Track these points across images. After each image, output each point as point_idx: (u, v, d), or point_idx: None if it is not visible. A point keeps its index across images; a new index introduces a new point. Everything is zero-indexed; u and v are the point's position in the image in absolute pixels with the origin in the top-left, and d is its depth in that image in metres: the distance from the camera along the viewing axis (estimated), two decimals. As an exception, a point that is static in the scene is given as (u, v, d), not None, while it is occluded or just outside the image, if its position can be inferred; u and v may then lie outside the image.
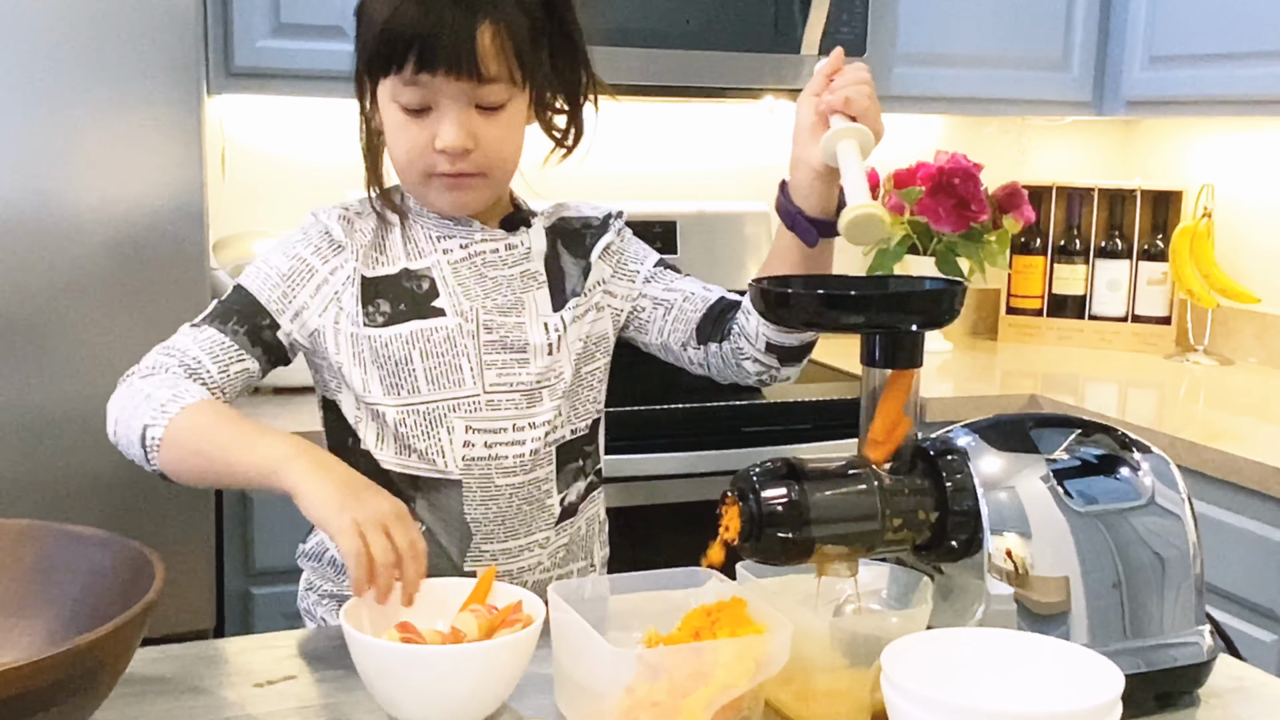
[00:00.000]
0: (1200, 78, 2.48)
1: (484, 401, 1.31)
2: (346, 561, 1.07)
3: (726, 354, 1.39)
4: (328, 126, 2.52)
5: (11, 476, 1.85)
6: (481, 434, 1.31)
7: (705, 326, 1.39)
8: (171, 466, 1.21)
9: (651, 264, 1.43)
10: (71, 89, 1.82)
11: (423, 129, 1.25)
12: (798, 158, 1.27)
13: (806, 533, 1.04)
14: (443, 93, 1.23)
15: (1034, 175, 3.02)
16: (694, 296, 1.41)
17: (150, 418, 1.20)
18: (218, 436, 1.18)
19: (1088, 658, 0.98)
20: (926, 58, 2.58)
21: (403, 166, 1.30)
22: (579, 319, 1.36)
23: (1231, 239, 2.79)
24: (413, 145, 1.26)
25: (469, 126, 1.24)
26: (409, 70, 1.22)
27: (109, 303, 1.87)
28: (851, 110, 1.22)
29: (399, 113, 1.26)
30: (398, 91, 1.24)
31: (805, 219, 1.28)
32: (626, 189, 2.74)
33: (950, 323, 1.10)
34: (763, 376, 1.39)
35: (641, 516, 2.10)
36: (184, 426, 1.19)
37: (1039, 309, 2.97)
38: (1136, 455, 1.15)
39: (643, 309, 1.41)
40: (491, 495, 1.32)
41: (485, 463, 1.31)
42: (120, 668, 0.96)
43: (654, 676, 0.98)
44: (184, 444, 1.19)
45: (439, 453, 1.30)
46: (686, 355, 1.42)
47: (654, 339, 1.42)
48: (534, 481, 1.34)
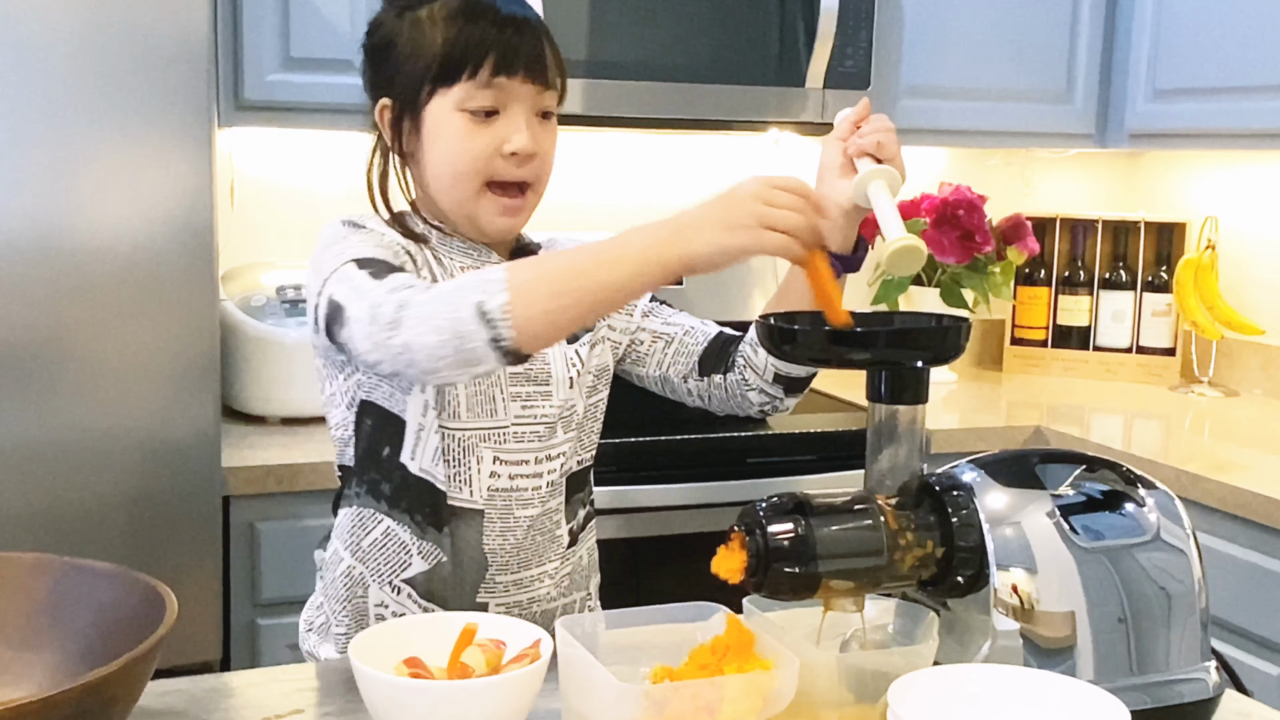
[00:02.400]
0: (1203, 111, 2.49)
1: (510, 434, 1.32)
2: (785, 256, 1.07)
3: (731, 385, 1.41)
4: (335, 158, 2.54)
5: (19, 505, 1.86)
6: (507, 465, 1.32)
7: (709, 359, 1.42)
8: (530, 323, 1.08)
9: (647, 300, 1.45)
10: (84, 121, 1.83)
11: (491, 134, 1.29)
12: (823, 196, 1.29)
13: (813, 568, 1.05)
14: (514, 96, 1.28)
15: (1038, 207, 3.04)
16: (694, 330, 1.44)
17: (479, 294, 1.08)
18: (571, 268, 1.09)
19: (1094, 694, 0.98)
20: (931, 90, 2.59)
21: (463, 177, 1.30)
22: (592, 349, 1.39)
23: (1235, 271, 2.80)
24: (480, 151, 1.28)
25: (534, 130, 1.30)
26: (486, 73, 1.26)
27: (119, 332, 1.88)
28: (883, 154, 1.25)
29: (465, 121, 1.28)
30: (468, 97, 1.27)
31: (830, 256, 1.30)
32: (633, 221, 2.75)
33: (955, 359, 1.11)
34: (765, 407, 1.42)
35: (645, 548, 2.10)
36: (522, 281, 1.09)
37: (1044, 340, 2.98)
38: (1141, 491, 1.16)
39: (641, 342, 1.44)
40: (510, 526, 1.33)
41: (507, 494, 1.33)
42: (132, 702, 0.96)
43: (660, 712, 0.98)
44: (538, 293, 1.08)
45: (466, 481, 1.31)
46: (686, 387, 1.44)
47: (652, 371, 1.44)
48: (547, 513, 1.35)
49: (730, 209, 1.08)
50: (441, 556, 1.32)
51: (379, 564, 1.34)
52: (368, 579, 1.34)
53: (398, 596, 1.34)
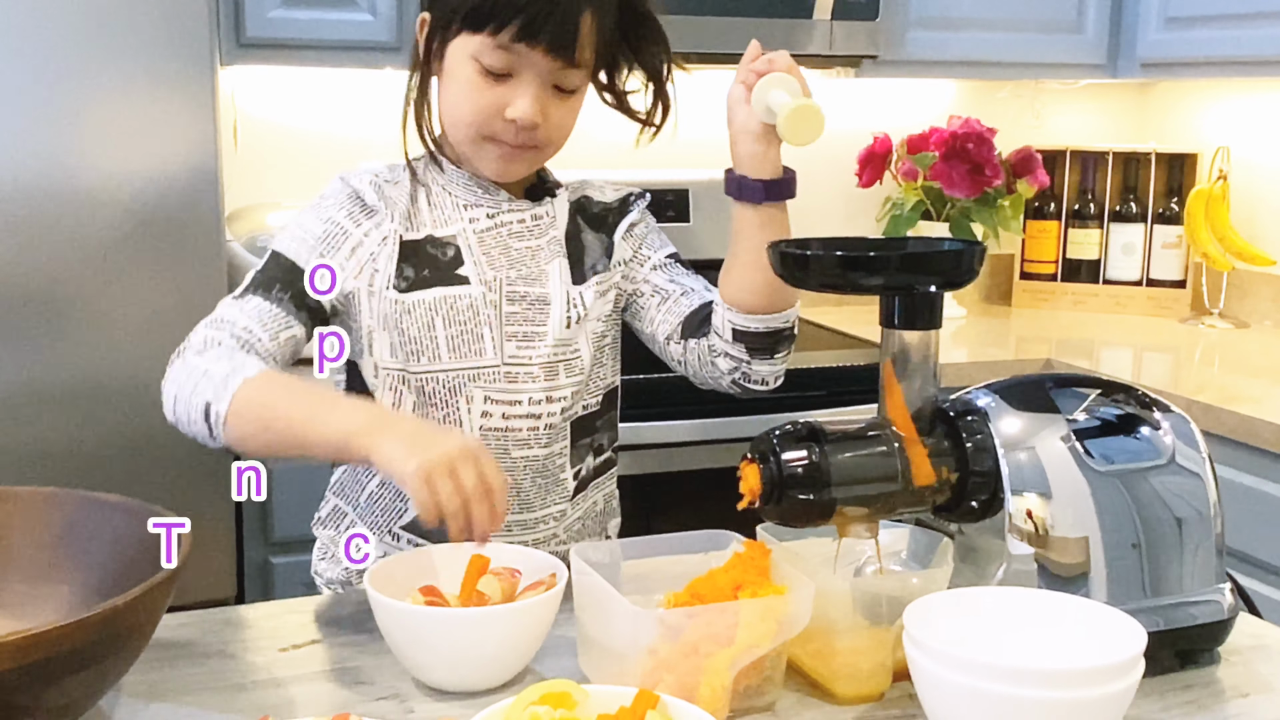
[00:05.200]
0: (1216, 39, 2.46)
1: (502, 374, 1.31)
2: (419, 512, 1.07)
3: (703, 350, 1.37)
4: (339, 97, 2.52)
5: (31, 447, 1.86)
6: (499, 405, 1.31)
7: (691, 322, 1.37)
8: (239, 441, 1.19)
9: (664, 255, 1.42)
10: (84, 62, 1.81)
11: (496, 94, 1.25)
12: (736, 131, 1.29)
13: (827, 494, 1.04)
14: (530, 65, 1.24)
15: (1048, 139, 3.00)
16: (692, 293, 1.39)
17: (212, 394, 1.18)
18: (286, 412, 1.17)
19: (1109, 615, 0.98)
20: (939, 21, 2.56)
21: (462, 124, 1.28)
22: (601, 295, 1.36)
23: (1247, 202, 2.78)
24: (481, 108, 1.26)
25: (541, 102, 1.26)
26: (507, 35, 1.22)
27: (125, 275, 1.87)
28: (776, 68, 1.24)
29: (476, 73, 1.25)
30: (483, 51, 1.24)
31: (750, 182, 1.29)
32: (638, 158, 2.73)
33: (970, 283, 1.10)
34: (735, 375, 1.36)
35: (655, 484, 2.11)
36: (249, 401, 1.17)
37: (1053, 274, 2.96)
38: (1157, 414, 1.15)
39: (641, 294, 1.40)
40: (507, 467, 1.32)
41: (501, 434, 1.32)
42: (148, 632, 0.97)
43: (675, 637, 0.98)
44: (251, 419, 1.17)
45: (456, 422, 1.31)
46: (669, 350, 1.40)
47: (645, 328, 1.41)
48: (549, 456, 1.34)
49: (424, 444, 1.08)
50: None
51: (376, 514, 1.35)
52: (366, 534, 1.35)
53: (397, 544, 1.34)
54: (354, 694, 1.06)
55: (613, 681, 0.97)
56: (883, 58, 2.48)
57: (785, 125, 1.20)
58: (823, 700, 1.06)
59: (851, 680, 1.05)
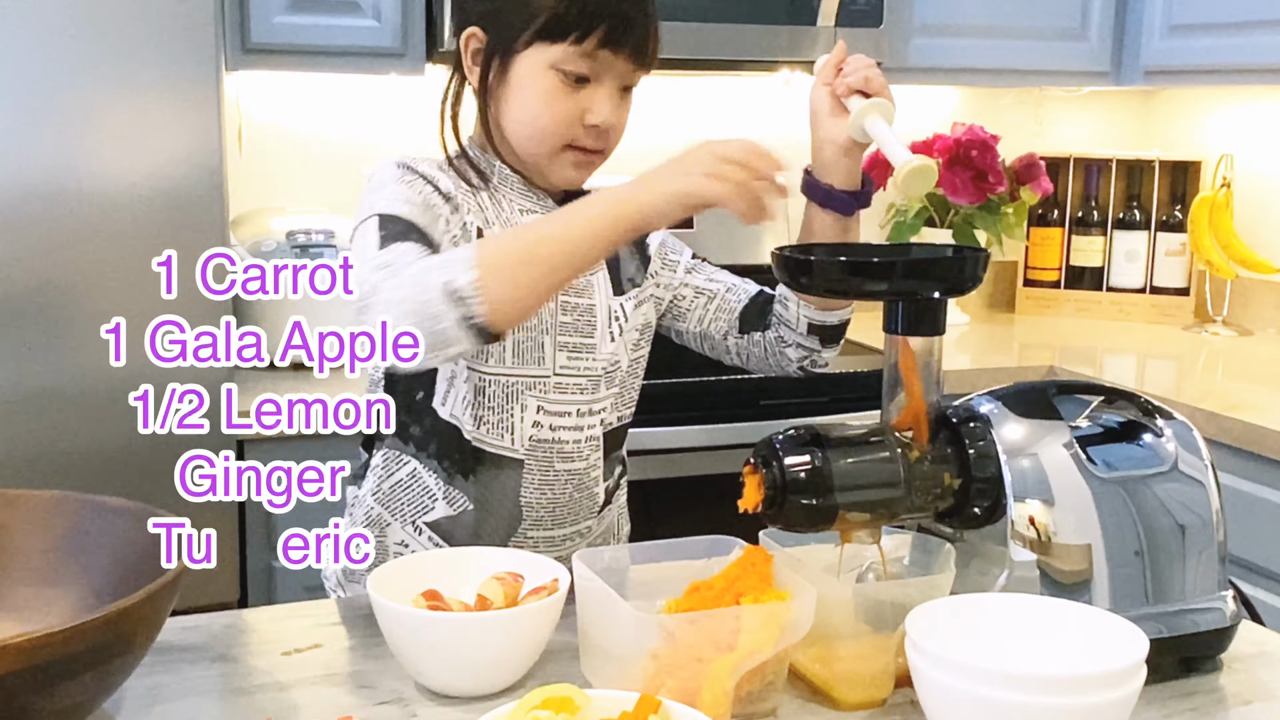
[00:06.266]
0: (1220, 46, 2.46)
1: (553, 384, 1.31)
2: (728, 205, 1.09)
3: (770, 342, 1.40)
4: (344, 102, 2.52)
5: (34, 450, 1.86)
6: (550, 415, 1.31)
7: (749, 317, 1.41)
8: (498, 302, 1.08)
9: (689, 256, 1.45)
10: (90, 67, 1.82)
11: (576, 102, 1.26)
12: (822, 139, 1.30)
13: (830, 500, 1.04)
14: (611, 70, 1.26)
15: (1051, 146, 3.01)
16: (736, 288, 1.43)
17: (446, 275, 1.08)
18: (537, 236, 1.12)
19: (1111, 622, 0.98)
20: (943, 28, 2.56)
21: (542, 133, 1.28)
22: (638, 307, 1.38)
23: (1250, 209, 2.78)
24: (562, 117, 1.26)
25: (613, 104, 1.28)
26: (591, 44, 1.23)
27: (130, 279, 1.88)
28: (871, 89, 1.25)
29: (556, 81, 1.25)
30: (566, 60, 1.24)
31: (839, 193, 1.30)
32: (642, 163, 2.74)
33: (973, 289, 1.10)
34: (804, 363, 1.41)
35: (659, 489, 2.11)
36: (490, 252, 1.09)
37: (1056, 281, 2.97)
38: (1160, 421, 1.15)
39: (684, 298, 1.43)
40: (549, 480, 1.32)
41: (548, 446, 1.32)
42: (152, 635, 0.97)
43: (676, 642, 0.98)
44: (508, 264, 1.09)
45: (509, 429, 1.30)
46: (726, 344, 1.43)
47: (693, 327, 1.44)
48: (586, 469, 1.35)
49: (681, 161, 1.12)
50: (468, 505, 1.32)
51: (402, 504, 1.34)
52: (386, 518, 1.35)
53: (419, 537, 1.34)
54: (357, 698, 1.06)
55: (615, 686, 0.97)
56: (886, 65, 2.48)
57: (905, 181, 1.18)
58: (825, 706, 1.06)
59: (853, 686, 1.05)
